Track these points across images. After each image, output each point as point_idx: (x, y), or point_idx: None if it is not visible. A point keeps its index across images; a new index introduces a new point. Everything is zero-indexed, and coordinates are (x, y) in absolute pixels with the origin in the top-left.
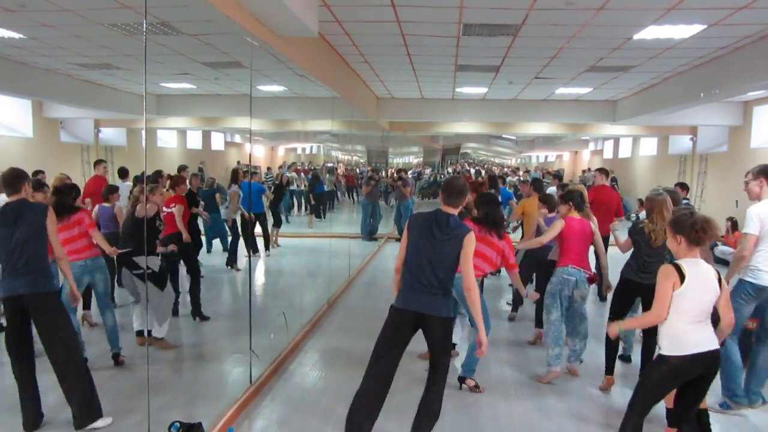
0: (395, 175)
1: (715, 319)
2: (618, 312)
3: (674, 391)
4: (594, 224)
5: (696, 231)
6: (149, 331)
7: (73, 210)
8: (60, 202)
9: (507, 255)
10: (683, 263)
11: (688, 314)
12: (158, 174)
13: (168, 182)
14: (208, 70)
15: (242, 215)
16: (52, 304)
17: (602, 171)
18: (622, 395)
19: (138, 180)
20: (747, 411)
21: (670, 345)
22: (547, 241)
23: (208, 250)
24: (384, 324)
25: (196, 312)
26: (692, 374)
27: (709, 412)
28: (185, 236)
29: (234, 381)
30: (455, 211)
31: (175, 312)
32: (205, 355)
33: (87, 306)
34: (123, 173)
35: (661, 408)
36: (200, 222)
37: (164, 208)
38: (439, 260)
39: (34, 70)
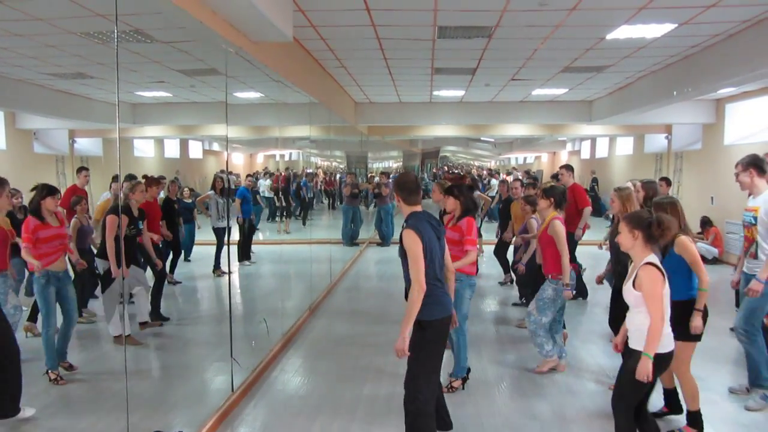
0: (376, 179)
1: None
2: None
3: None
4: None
5: (662, 229)
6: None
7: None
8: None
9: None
10: (657, 263)
11: (665, 311)
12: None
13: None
14: (183, 78)
15: (236, 221)
16: None
17: (569, 168)
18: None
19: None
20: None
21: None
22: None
23: (186, 258)
24: (432, 337)
25: (155, 313)
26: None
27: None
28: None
29: (216, 389)
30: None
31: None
32: (187, 363)
33: (33, 319)
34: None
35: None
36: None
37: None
38: (441, 259)
39: (6, 81)
